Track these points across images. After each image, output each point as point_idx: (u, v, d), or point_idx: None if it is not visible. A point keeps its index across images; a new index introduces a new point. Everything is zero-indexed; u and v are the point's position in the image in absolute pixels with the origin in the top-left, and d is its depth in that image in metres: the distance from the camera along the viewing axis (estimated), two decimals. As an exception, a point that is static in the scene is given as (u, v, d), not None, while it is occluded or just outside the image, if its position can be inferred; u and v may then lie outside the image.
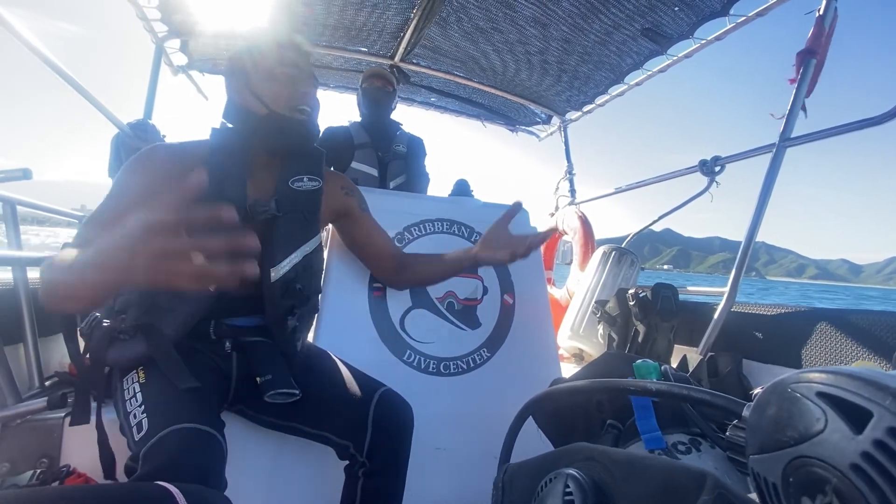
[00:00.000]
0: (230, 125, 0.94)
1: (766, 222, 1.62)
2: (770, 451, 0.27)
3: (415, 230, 1.48)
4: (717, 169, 1.97)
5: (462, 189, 1.86)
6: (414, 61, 2.55)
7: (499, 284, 1.48)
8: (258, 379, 0.90)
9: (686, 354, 1.63)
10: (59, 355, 1.43)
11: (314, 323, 1.22)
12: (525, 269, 1.54)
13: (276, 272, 0.92)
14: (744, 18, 1.90)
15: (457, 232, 1.52)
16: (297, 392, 0.91)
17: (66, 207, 1.79)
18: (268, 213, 0.91)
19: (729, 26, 1.95)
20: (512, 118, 3.20)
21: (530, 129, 3.29)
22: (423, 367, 1.31)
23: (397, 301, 1.37)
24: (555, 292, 2.83)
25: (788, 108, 1.62)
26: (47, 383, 1.27)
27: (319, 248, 1.02)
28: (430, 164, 2.23)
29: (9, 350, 1.12)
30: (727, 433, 0.50)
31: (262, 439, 1.05)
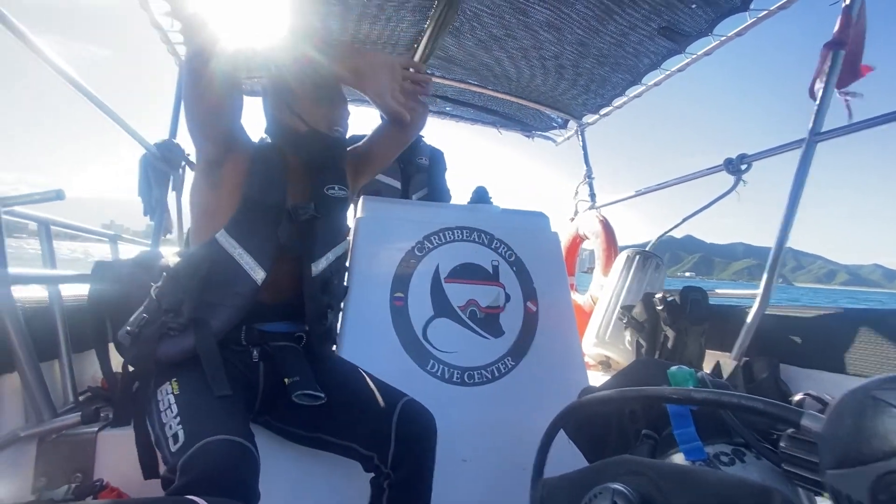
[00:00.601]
0: (269, 139, 1.06)
1: (792, 227, 1.56)
2: (852, 465, 0.24)
3: (434, 239, 1.47)
4: (744, 167, 1.91)
5: (481, 196, 1.85)
6: (428, 72, 2.56)
7: (521, 292, 1.45)
8: (286, 380, 0.92)
9: (719, 360, 1.57)
10: (91, 370, 1.47)
11: (338, 332, 1.23)
12: (547, 275, 1.51)
13: (316, 267, 1.00)
14: (765, 13, 1.85)
15: (477, 239, 1.50)
16: (322, 395, 0.92)
17: (96, 224, 1.84)
18: (308, 214, 0.99)
19: (750, 21, 1.90)
20: (528, 124, 3.19)
21: (547, 134, 3.26)
22: (446, 376, 1.30)
23: (419, 310, 1.36)
24: (578, 298, 2.78)
25: (817, 101, 1.57)
26: (81, 398, 1.30)
27: (346, 254, 1.11)
28: (448, 172, 2.23)
29: (45, 366, 1.14)
30: (781, 444, 0.46)
31: (288, 452, 1.05)
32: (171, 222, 2.13)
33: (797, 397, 1.10)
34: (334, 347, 1.23)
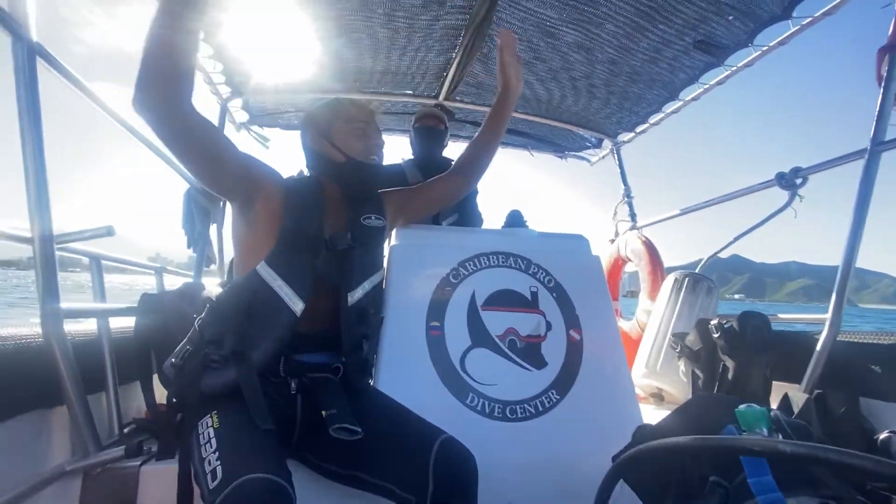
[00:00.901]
0: (308, 172, 1.11)
1: (860, 243, 1.43)
2: None
3: (470, 265, 1.43)
4: (799, 181, 1.79)
5: (515, 220, 1.81)
6: (458, 98, 2.59)
7: (563, 319, 1.38)
8: (323, 412, 0.90)
9: (787, 392, 1.42)
10: (136, 402, 1.50)
11: (374, 363, 1.21)
12: (590, 300, 1.43)
13: (353, 297, 1.00)
14: (809, 20, 1.76)
15: (514, 265, 1.45)
16: (359, 430, 0.88)
17: (143, 255, 1.93)
18: (345, 244, 1.00)
19: (793, 29, 1.81)
20: (560, 145, 3.15)
21: (580, 154, 3.21)
22: (487, 411, 1.23)
23: (456, 340, 1.31)
24: (623, 325, 2.64)
25: (878, 108, 1.46)
26: (125, 430, 1.32)
27: (381, 283, 1.12)
28: (481, 198, 2.21)
29: (92, 398, 1.17)
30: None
31: (324, 491, 1.01)
32: (213, 254, 2.20)
33: (883, 435, 0.98)
34: (371, 381, 1.21)
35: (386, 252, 1.38)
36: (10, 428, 0.97)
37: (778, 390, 1.48)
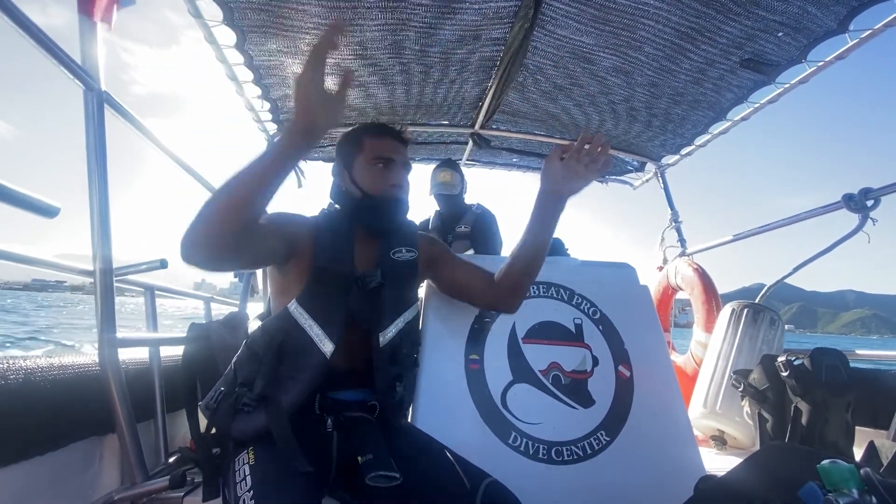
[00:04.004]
0: (336, 205, 1.07)
1: None
2: None
3: (509, 295, 1.38)
4: (870, 203, 1.64)
5: (556, 248, 1.76)
6: (494, 126, 2.60)
7: (611, 354, 1.29)
8: (359, 458, 0.86)
9: (873, 441, 1.25)
10: (183, 430, 1.53)
11: (413, 398, 1.17)
12: (640, 333, 1.34)
13: (384, 337, 0.97)
14: (868, 32, 1.66)
15: (555, 295, 1.39)
16: (398, 476, 0.84)
17: (189, 282, 2.03)
18: (375, 282, 0.97)
19: (851, 43, 1.71)
20: (600, 170, 3.08)
21: (622, 178, 3.12)
22: (531, 452, 1.15)
23: (496, 374, 1.25)
24: (677, 359, 2.47)
25: None
26: (171, 459, 1.34)
27: (417, 317, 1.08)
28: (515, 226, 2.24)
29: (141, 426, 1.20)
30: None
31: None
32: (256, 284, 2.27)
33: None
34: (408, 417, 1.17)
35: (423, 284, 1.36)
36: (66, 454, 1.00)
37: (863, 437, 1.31)
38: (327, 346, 0.91)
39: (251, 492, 0.75)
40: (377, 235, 1.05)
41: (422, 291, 1.33)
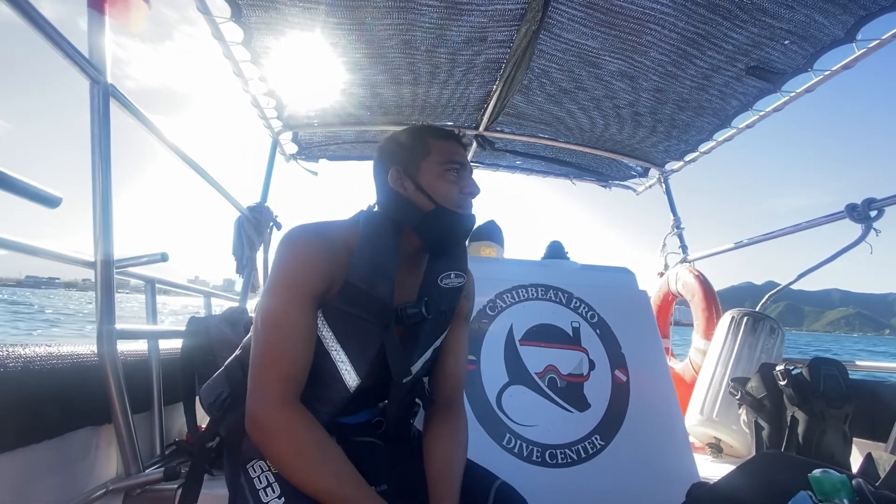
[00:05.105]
0: (377, 210, 0.90)
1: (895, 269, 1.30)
2: None
3: (507, 297, 1.38)
4: (874, 214, 1.63)
5: (556, 251, 1.75)
6: (498, 129, 2.60)
7: (608, 358, 1.29)
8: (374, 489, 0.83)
9: (871, 453, 1.24)
10: (179, 423, 1.54)
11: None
12: (638, 338, 1.34)
13: (409, 374, 0.86)
14: (876, 42, 1.65)
15: (553, 298, 1.39)
16: None
17: (183, 277, 2.03)
18: (418, 318, 0.86)
19: (858, 53, 1.70)
20: (604, 174, 3.07)
21: (625, 183, 3.11)
22: (525, 454, 1.15)
23: (493, 375, 1.25)
24: (675, 365, 2.46)
25: None
26: (167, 451, 1.35)
27: (444, 339, 0.94)
28: (519, 227, 2.21)
29: (137, 418, 1.21)
30: None
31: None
32: (257, 281, 2.28)
33: None
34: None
35: None
36: (62, 443, 1.01)
37: (860, 449, 1.30)
38: (353, 381, 0.81)
39: (282, 499, 0.72)
40: (436, 255, 0.90)
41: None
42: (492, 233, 2.09)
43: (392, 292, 0.82)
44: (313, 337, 0.78)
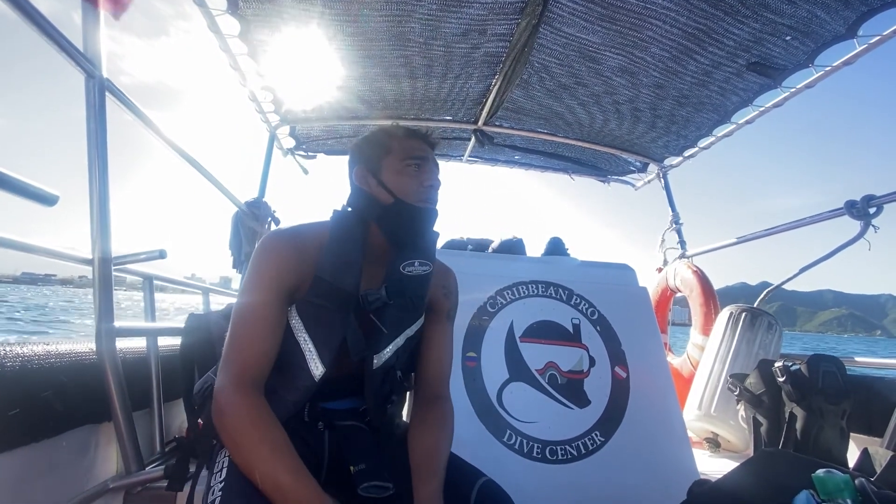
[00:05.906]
0: (350, 209, 0.96)
1: (887, 269, 1.30)
2: None
3: (508, 294, 1.38)
4: (872, 211, 1.63)
5: (556, 248, 1.75)
6: (497, 123, 2.59)
7: (608, 354, 1.30)
8: (352, 468, 0.84)
9: (867, 448, 1.25)
10: (180, 419, 1.53)
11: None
12: (638, 334, 1.35)
13: (379, 359, 0.91)
14: (878, 38, 1.65)
15: (554, 294, 1.39)
16: (391, 486, 0.83)
17: (180, 274, 2.02)
18: (379, 302, 0.89)
19: (859, 49, 1.70)
20: (603, 169, 3.07)
21: (624, 178, 3.11)
22: (525, 450, 1.16)
23: (493, 372, 1.26)
24: (673, 361, 2.47)
25: None
26: (167, 448, 1.35)
27: (420, 331, 0.99)
28: (519, 223, 2.19)
29: (137, 415, 1.20)
30: None
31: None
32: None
33: None
34: (405, 416, 1.16)
35: None
36: (62, 442, 1.00)
37: (857, 444, 1.31)
38: (318, 369, 0.86)
39: (222, 483, 0.74)
40: (400, 246, 0.94)
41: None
42: (517, 248, 2.07)
43: (358, 283, 0.89)
44: (279, 329, 0.84)
